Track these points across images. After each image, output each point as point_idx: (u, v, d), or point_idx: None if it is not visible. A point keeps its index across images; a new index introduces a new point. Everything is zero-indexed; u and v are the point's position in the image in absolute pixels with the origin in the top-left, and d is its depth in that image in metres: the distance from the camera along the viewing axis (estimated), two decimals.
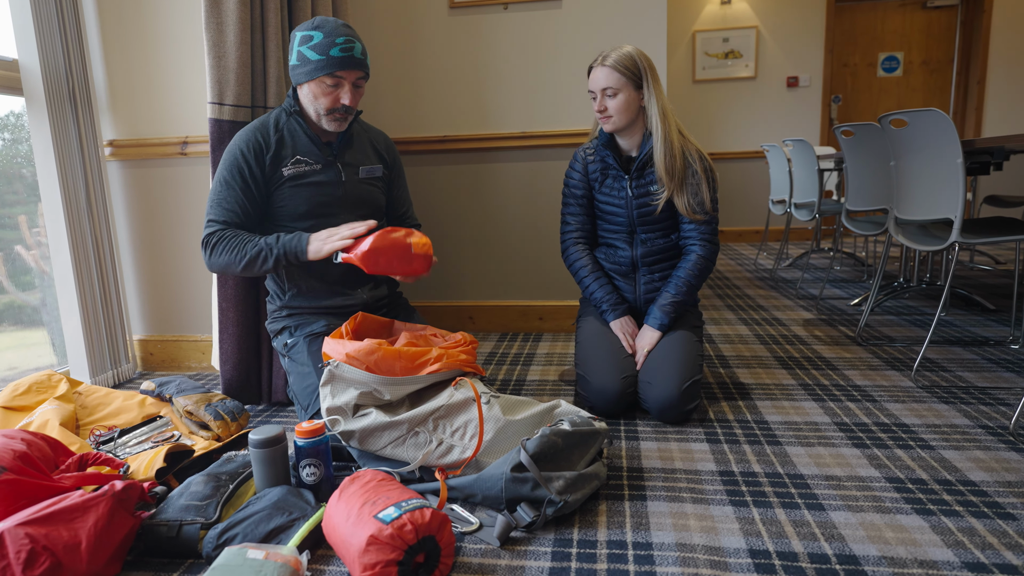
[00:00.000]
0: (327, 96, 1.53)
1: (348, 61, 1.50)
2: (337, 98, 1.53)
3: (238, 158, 1.56)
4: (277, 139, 1.59)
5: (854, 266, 3.96)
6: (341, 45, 1.48)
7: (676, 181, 1.69)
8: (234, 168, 1.55)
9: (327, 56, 1.48)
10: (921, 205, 1.99)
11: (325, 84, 1.52)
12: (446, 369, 1.38)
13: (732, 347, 2.30)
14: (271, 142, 1.58)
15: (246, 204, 1.56)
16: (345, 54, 1.49)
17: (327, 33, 1.49)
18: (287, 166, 1.58)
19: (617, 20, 2.34)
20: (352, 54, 1.50)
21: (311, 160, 1.61)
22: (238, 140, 1.58)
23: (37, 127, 1.90)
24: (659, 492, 1.27)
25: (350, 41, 1.50)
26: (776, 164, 3.94)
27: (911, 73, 5.29)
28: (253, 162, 1.56)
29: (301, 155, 1.60)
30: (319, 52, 1.48)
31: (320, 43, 1.48)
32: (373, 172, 1.72)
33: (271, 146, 1.58)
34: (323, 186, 1.62)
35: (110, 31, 2.09)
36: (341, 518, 1.03)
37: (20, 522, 0.94)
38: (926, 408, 1.65)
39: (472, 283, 2.64)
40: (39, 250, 2.07)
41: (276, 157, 1.58)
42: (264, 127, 1.60)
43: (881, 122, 2.10)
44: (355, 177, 1.68)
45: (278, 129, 1.60)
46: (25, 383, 1.55)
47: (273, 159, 1.58)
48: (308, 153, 1.61)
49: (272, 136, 1.58)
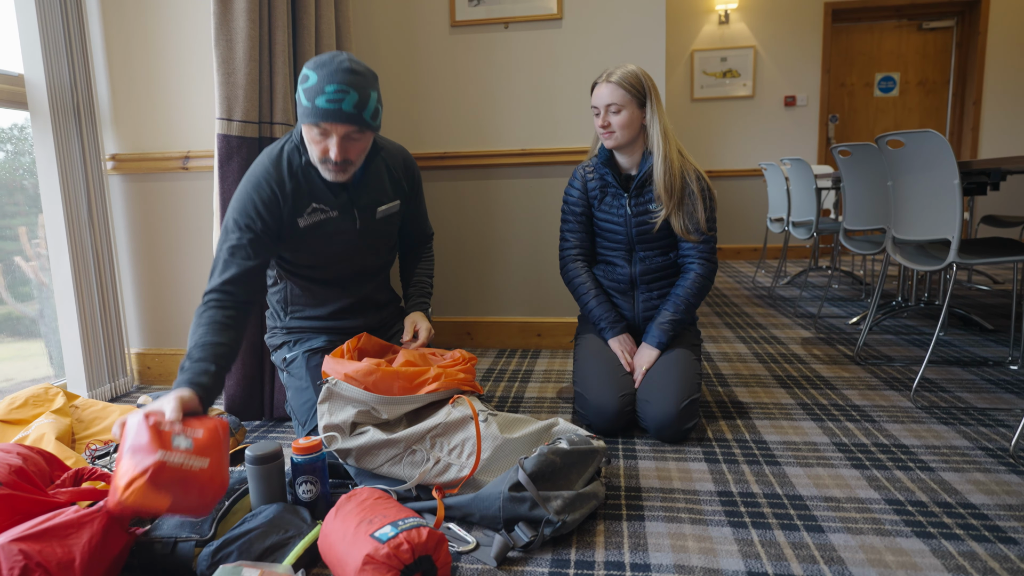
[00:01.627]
0: (316, 145, 1.39)
1: (333, 114, 1.32)
2: (325, 149, 1.38)
3: (249, 209, 1.42)
4: (293, 187, 1.46)
5: (852, 285, 3.97)
6: (329, 95, 1.31)
7: (674, 200, 1.70)
8: (241, 227, 1.41)
9: (312, 104, 1.33)
10: (919, 225, 2.00)
11: (314, 132, 1.37)
12: (444, 388, 1.37)
13: (730, 365, 2.30)
14: (287, 193, 1.45)
15: (250, 260, 1.39)
16: (331, 106, 1.32)
17: (321, 77, 1.32)
18: (303, 216, 1.48)
19: (617, 39, 2.37)
20: (339, 107, 1.32)
21: (327, 207, 1.50)
22: (252, 191, 1.44)
23: (41, 140, 1.91)
24: (657, 512, 1.26)
25: (342, 91, 1.31)
26: (774, 182, 3.96)
27: (907, 93, 5.34)
28: (266, 215, 1.43)
29: (317, 202, 1.48)
30: (307, 98, 1.34)
31: (311, 87, 1.33)
32: (391, 210, 1.63)
33: (288, 197, 1.45)
34: (338, 235, 1.53)
35: (114, 46, 2.10)
36: (337, 536, 1.02)
37: (14, 538, 0.93)
38: (925, 429, 1.65)
39: (471, 299, 2.65)
40: (38, 262, 2.07)
41: (293, 209, 1.46)
42: (278, 174, 1.45)
43: (878, 142, 2.12)
44: (372, 220, 1.58)
45: (292, 174, 1.46)
46: (22, 396, 1.54)
47: (290, 211, 1.46)
48: (324, 199, 1.49)
49: (288, 184, 1.45)
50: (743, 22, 5.24)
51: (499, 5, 2.40)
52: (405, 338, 1.64)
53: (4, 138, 1.99)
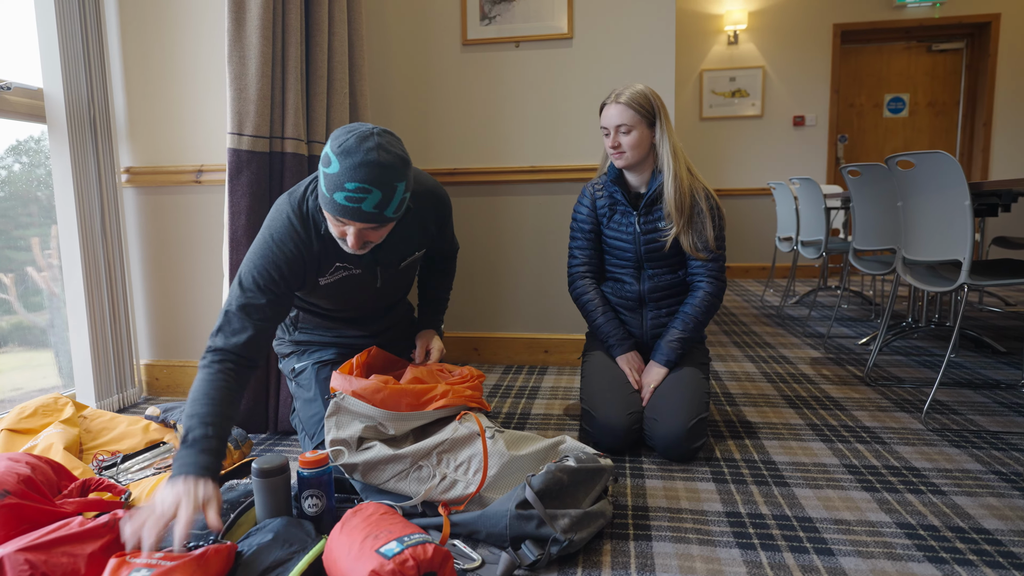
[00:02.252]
0: (334, 227, 1.29)
1: (351, 212, 1.22)
2: (343, 233, 1.28)
3: (272, 276, 1.34)
4: (320, 250, 1.39)
5: (862, 305, 3.94)
6: (348, 192, 1.19)
7: (684, 218, 1.70)
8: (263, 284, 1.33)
9: (331, 197, 1.22)
10: (929, 246, 1.99)
11: (332, 217, 1.27)
12: (451, 405, 1.37)
13: (739, 384, 2.28)
14: (314, 254, 1.38)
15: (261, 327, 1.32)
16: (351, 204, 1.20)
17: (343, 170, 1.19)
18: (325, 276, 1.44)
19: (627, 58, 2.39)
20: (359, 207, 1.21)
21: (351, 265, 1.45)
22: (276, 249, 1.35)
23: (57, 153, 1.94)
24: (664, 532, 1.25)
25: (364, 191, 1.19)
26: (783, 202, 3.96)
27: (917, 114, 5.34)
28: (289, 276, 1.36)
29: (341, 262, 1.43)
30: (327, 187, 1.22)
31: (332, 177, 1.21)
32: (414, 260, 1.58)
33: (314, 259, 1.39)
34: (357, 289, 1.51)
35: (132, 61, 2.14)
36: (342, 551, 1.01)
37: (20, 547, 0.93)
38: (937, 452, 1.62)
39: (478, 314, 2.65)
40: (49, 272, 2.09)
41: (317, 269, 1.42)
42: (306, 235, 1.37)
43: (888, 163, 2.12)
44: (394, 271, 1.54)
45: (320, 236, 1.38)
46: (32, 406, 1.55)
47: (314, 271, 1.41)
48: (348, 259, 1.43)
49: (315, 246, 1.38)
50: (752, 42, 5.27)
51: (510, 24, 2.43)
52: (418, 358, 1.64)
53: (21, 150, 2.02)
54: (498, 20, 2.44)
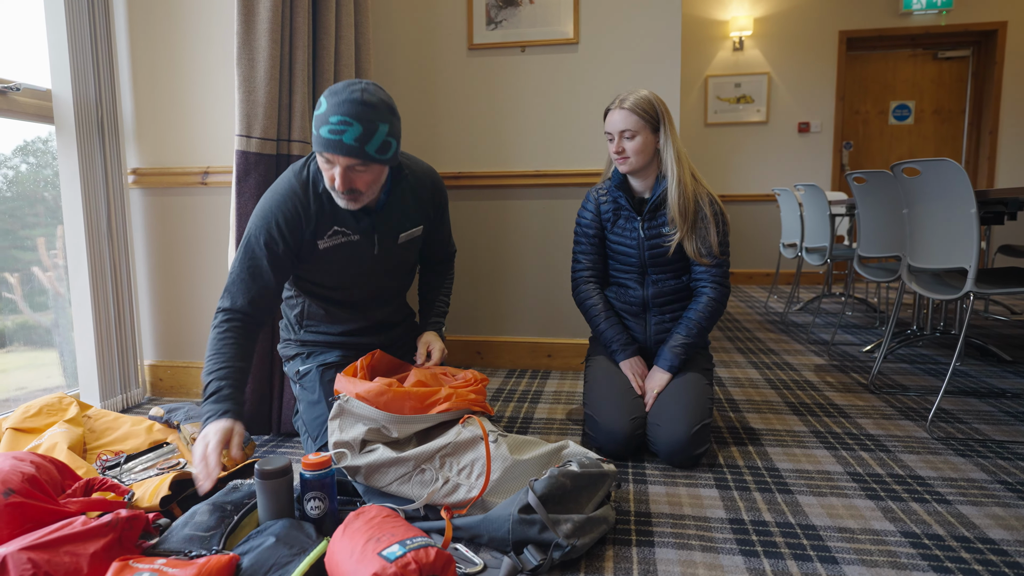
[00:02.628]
0: (325, 172, 1.37)
1: (334, 145, 1.29)
2: (332, 177, 1.35)
3: (269, 231, 1.42)
4: (317, 209, 1.46)
5: (866, 312, 3.93)
6: (332, 126, 1.29)
7: (688, 224, 1.70)
8: (260, 244, 1.42)
9: (317, 133, 1.32)
10: (935, 254, 1.99)
11: (321, 160, 1.36)
12: (455, 408, 1.37)
13: (742, 391, 2.27)
14: (311, 214, 1.45)
15: (266, 291, 1.43)
16: (333, 137, 1.29)
17: (329, 107, 1.30)
18: (324, 239, 1.48)
19: (632, 64, 2.39)
20: (340, 139, 1.29)
21: (348, 231, 1.49)
22: (276, 209, 1.43)
23: (65, 154, 1.95)
24: (667, 539, 1.24)
25: (345, 123, 1.28)
26: (787, 208, 3.95)
27: (923, 121, 5.33)
28: (288, 235, 1.43)
29: (339, 225, 1.48)
30: (315, 125, 1.33)
31: (320, 115, 1.32)
32: (413, 235, 1.62)
33: (311, 218, 1.45)
34: (355, 259, 1.54)
35: (140, 63, 2.15)
36: (345, 554, 1.01)
37: (24, 546, 0.93)
38: (942, 460, 1.62)
39: (482, 318, 2.65)
40: (55, 272, 2.10)
41: (315, 230, 1.47)
42: (304, 194, 1.45)
43: (894, 170, 2.12)
44: (393, 245, 1.58)
45: (318, 196, 1.46)
46: (36, 405, 1.55)
47: (312, 232, 1.47)
48: (346, 223, 1.49)
49: (312, 205, 1.45)
50: (757, 49, 5.28)
51: (516, 29, 2.44)
52: (419, 360, 1.64)
53: (29, 151, 2.04)
54: (504, 25, 2.45)
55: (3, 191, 1.95)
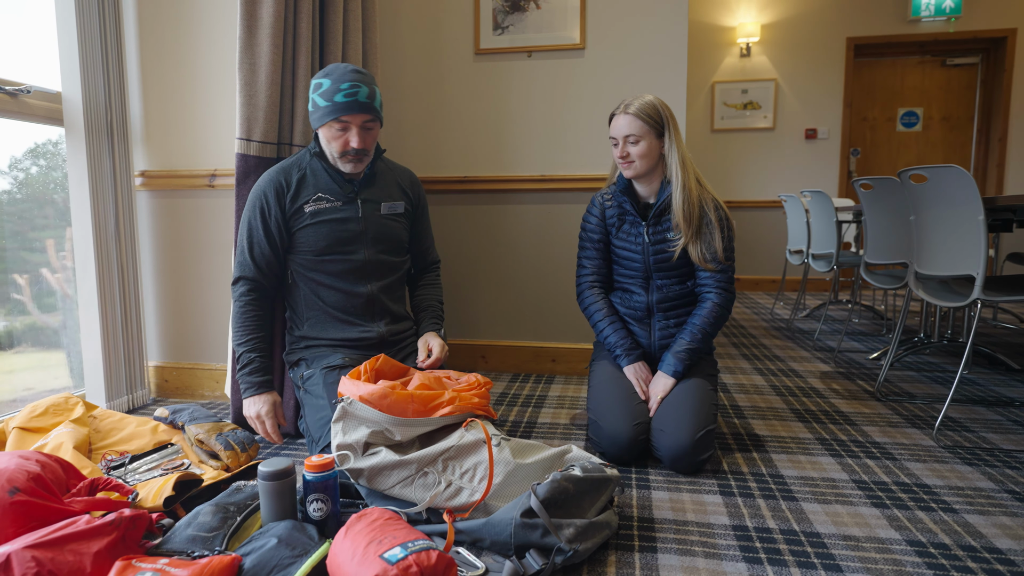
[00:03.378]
0: (337, 140, 1.58)
1: (352, 106, 1.54)
2: (346, 142, 1.58)
3: (260, 199, 1.64)
4: (299, 178, 1.65)
5: (873, 319, 3.91)
6: (346, 90, 1.53)
7: (693, 229, 1.70)
8: (256, 210, 1.64)
9: (332, 102, 1.54)
10: (942, 261, 1.97)
11: (334, 128, 1.57)
12: (458, 412, 1.37)
13: (747, 397, 2.26)
14: (292, 182, 1.64)
15: (267, 251, 1.65)
16: (349, 99, 1.53)
17: (334, 80, 1.54)
18: (309, 203, 1.64)
19: (639, 69, 2.39)
20: (356, 99, 1.54)
21: (332, 197, 1.66)
22: (262, 181, 1.66)
23: (74, 156, 1.97)
24: (670, 544, 1.23)
25: (355, 86, 1.54)
26: (794, 214, 3.94)
27: (931, 128, 5.31)
28: (274, 202, 1.63)
29: (322, 192, 1.65)
30: (326, 98, 1.54)
31: (327, 90, 1.54)
32: (395, 208, 1.75)
33: (292, 185, 1.64)
34: (343, 223, 1.66)
35: (149, 67, 2.17)
36: (346, 556, 1.01)
37: (28, 545, 0.94)
38: (948, 469, 1.60)
39: (486, 322, 2.65)
40: (63, 274, 2.11)
41: (296, 195, 1.64)
42: (288, 169, 1.66)
43: (901, 177, 2.11)
44: (376, 214, 1.71)
45: (300, 169, 1.66)
46: (43, 405, 1.56)
47: (294, 197, 1.64)
48: (329, 191, 1.66)
49: (294, 176, 1.65)
50: (765, 55, 5.27)
51: (523, 34, 2.45)
52: (420, 358, 1.65)
53: (39, 153, 2.05)
54: (511, 30, 2.46)
55: (13, 193, 1.96)
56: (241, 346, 1.62)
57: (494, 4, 2.46)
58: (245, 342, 1.63)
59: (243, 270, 1.65)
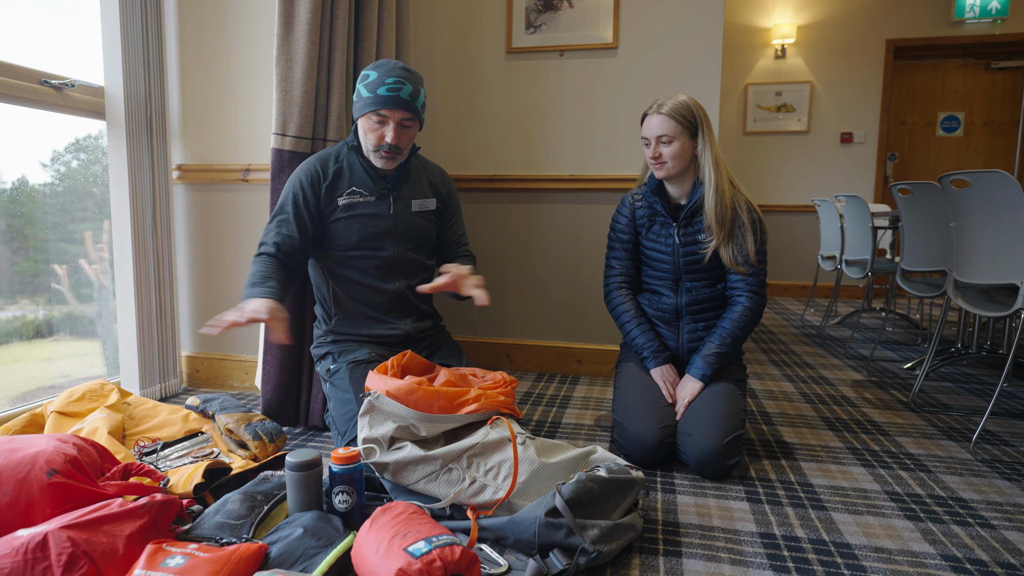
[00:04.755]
0: (373, 133, 1.60)
1: (392, 100, 1.55)
2: (382, 136, 1.59)
3: (296, 186, 1.65)
4: (335, 170, 1.67)
5: (908, 328, 3.81)
6: (389, 85, 1.54)
7: (725, 231, 1.67)
8: (290, 195, 1.65)
9: (374, 94, 1.55)
10: (984, 269, 1.92)
11: (372, 121, 1.58)
12: (484, 410, 1.37)
13: (776, 404, 2.22)
14: (329, 172, 1.66)
15: (295, 232, 1.63)
16: (391, 94, 1.54)
17: (381, 73, 1.56)
18: (343, 196, 1.65)
19: (671, 69, 2.37)
20: (398, 95, 1.55)
21: (365, 192, 1.67)
22: (300, 169, 1.68)
23: (115, 149, 2.01)
24: (695, 550, 1.22)
25: (400, 82, 1.55)
26: (827, 219, 3.86)
27: (972, 134, 5.16)
28: (309, 190, 1.64)
29: (356, 186, 1.67)
30: (369, 90, 1.56)
31: (372, 81, 1.56)
32: (426, 206, 1.76)
33: (328, 176, 1.65)
34: (374, 218, 1.67)
35: (188, 63, 2.22)
36: (371, 548, 1.02)
37: (63, 525, 0.96)
38: (986, 484, 1.55)
39: (512, 321, 2.65)
40: (100, 265, 2.17)
41: (332, 187, 1.65)
42: (325, 159, 1.68)
43: (942, 182, 2.05)
44: (407, 210, 1.72)
45: (337, 161, 1.68)
46: (80, 390, 1.60)
47: (329, 188, 1.65)
48: (363, 185, 1.67)
49: (331, 167, 1.66)
50: (800, 57, 5.18)
51: (555, 33, 2.44)
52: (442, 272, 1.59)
53: (80, 147, 2.11)
54: (543, 29, 2.45)
55: (55, 186, 2.02)
56: (253, 286, 1.47)
57: (527, 3, 2.45)
58: (258, 282, 1.48)
59: (265, 248, 1.62)
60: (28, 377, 1.97)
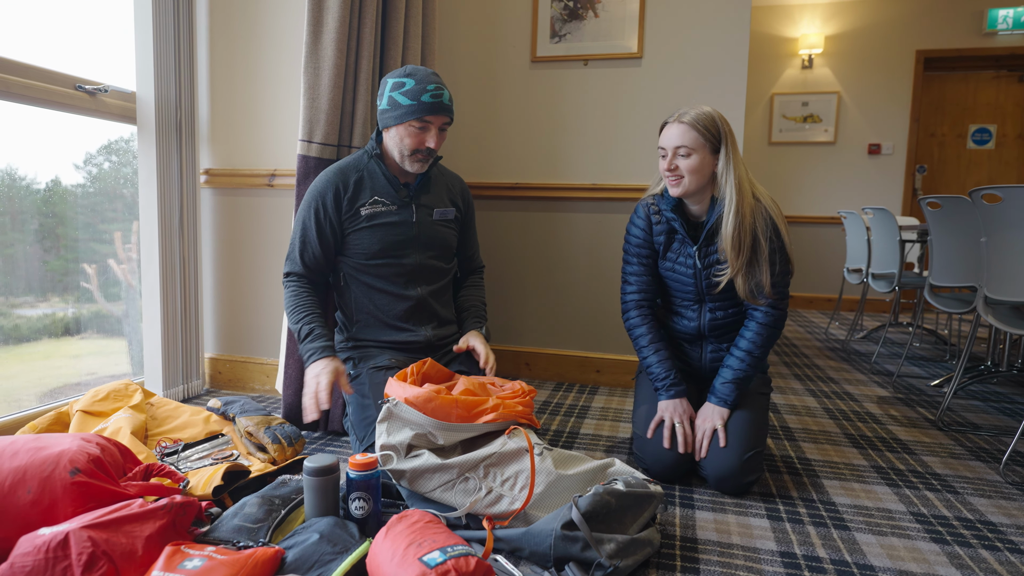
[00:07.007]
0: (414, 138, 1.61)
1: (437, 107, 1.58)
2: (423, 141, 1.61)
3: (317, 200, 1.66)
4: (356, 180, 1.67)
5: (935, 344, 3.73)
6: (432, 92, 1.57)
7: (743, 260, 1.55)
8: (311, 210, 1.66)
9: (418, 101, 1.57)
10: (1016, 285, 1.87)
11: (413, 128, 1.59)
12: (501, 419, 1.37)
13: (798, 419, 2.19)
14: (350, 184, 1.66)
15: (318, 252, 1.67)
16: (435, 100, 1.58)
17: (419, 80, 1.58)
18: (365, 206, 1.66)
19: (696, 79, 2.35)
20: (441, 100, 1.59)
21: (387, 201, 1.68)
22: (319, 182, 1.68)
23: (145, 153, 2.06)
24: (714, 568, 1.20)
25: (439, 89, 1.59)
26: (853, 232, 3.80)
27: (1004, 146, 5.05)
28: (331, 204, 1.65)
29: (378, 195, 1.68)
30: (410, 97, 1.57)
31: (412, 89, 1.57)
32: (447, 215, 1.77)
33: (349, 188, 1.66)
34: (397, 226, 1.68)
35: (217, 68, 2.26)
36: (386, 556, 1.02)
37: (85, 524, 0.97)
38: (1017, 507, 1.51)
39: (531, 329, 2.64)
40: (128, 265, 2.21)
41: (353, 198, 1.66)
42: (345, 170, 1.68)
43: (972, 196, 2.01)
44: (429, 218, 1.73)
45: (359, 170, 1.69)
46: (104, 390, 1.63)
47: (351, 199, 1.66)
48: (385, 194, 1.68)
49: (352, 178, 1.67)
50: (827, 67, 5.12)
51: (580, 43, 2.44)
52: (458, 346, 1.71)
53: (112, 149, 2.16)
54: (568, 38, 2.45)
55: (87, 187, 2.07)
56: (299, 321, 1.61)
57: (552, 12, 2.46)
58: (303, 317, 1.61)
59: (292, 266, 1.69)
60: (56, 374, 2.01)
